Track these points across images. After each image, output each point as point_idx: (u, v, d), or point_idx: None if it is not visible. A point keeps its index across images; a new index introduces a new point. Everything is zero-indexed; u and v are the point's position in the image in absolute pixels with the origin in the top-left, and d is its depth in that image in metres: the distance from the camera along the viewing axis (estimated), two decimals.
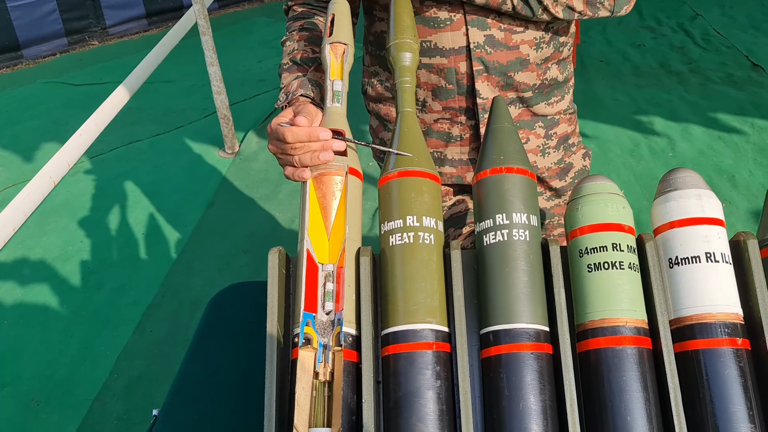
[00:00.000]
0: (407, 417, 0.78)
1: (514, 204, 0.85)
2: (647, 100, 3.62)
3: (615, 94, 3.72)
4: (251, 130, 3.72)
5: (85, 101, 3.89)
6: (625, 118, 3.46)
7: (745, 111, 3.41)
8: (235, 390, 1.10)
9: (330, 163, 0.92)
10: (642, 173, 3.01)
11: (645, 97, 3.66)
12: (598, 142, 3.27)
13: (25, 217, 1.69)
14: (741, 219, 2.66)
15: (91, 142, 2.08)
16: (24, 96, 4.52)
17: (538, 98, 1.23)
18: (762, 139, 3.16)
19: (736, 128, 3.27)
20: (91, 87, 4.51)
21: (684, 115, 3.44)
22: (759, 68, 3.84)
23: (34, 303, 2.61)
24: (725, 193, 2.82)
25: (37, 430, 2.08)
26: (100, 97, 2.33)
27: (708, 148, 3.15)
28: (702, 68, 3.93)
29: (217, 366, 1.16)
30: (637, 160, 3.12)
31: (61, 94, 4.49)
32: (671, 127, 3.35)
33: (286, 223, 2.94)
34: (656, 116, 3.46)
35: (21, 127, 4.06)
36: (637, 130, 3.35)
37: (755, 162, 3.00)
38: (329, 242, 0.89)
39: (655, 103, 3.59)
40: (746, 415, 0.75)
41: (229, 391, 1.11)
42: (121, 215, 3.10)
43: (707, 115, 3.41)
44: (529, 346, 0.79)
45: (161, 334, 2.41)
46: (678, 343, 0.80)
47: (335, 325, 0.84)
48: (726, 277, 0.81)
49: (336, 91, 0.99)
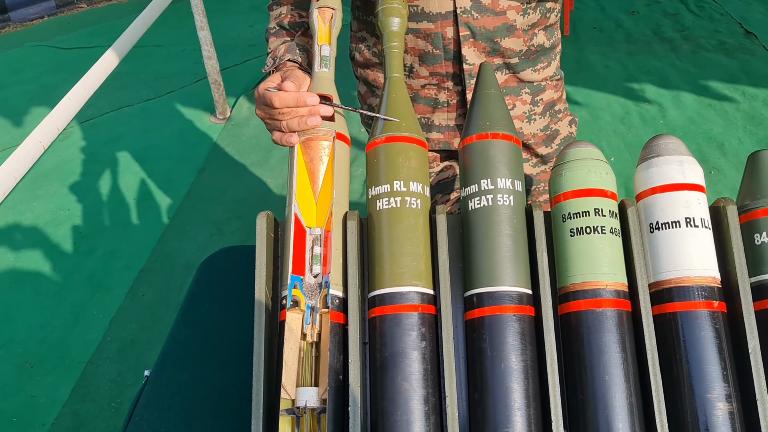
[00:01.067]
0: (393, 376, 0.80)
1: (499, 169, 0.86)
2: (639, 68, 3.61)
3: (607, 62, 3.71)
4: (242, 96, 3.70)
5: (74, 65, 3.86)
6: (617, 86, 3.45)
7: (736, 79, 3.41)
8: (225, 351, 1.12)
9: (317, 128, 0.92)
10: (632, 141, 3.02)
11: (637, 65, 3.65)
12: (589, 109, 3.27)
13: (15, 182, 1.69)
14: (728, 186, 2.68)
15: (80, 107, 2.07)
16: (12, 60, 4.47)
17: (525, 64, 1.24)
18: (752, 107, 3.17)
19: (727, 96, 3.28)
20: (80, 51, 4.46)
21: (675, 82, 3.44)
22: (752, 36, 3.83)
23: (26, 267, 2.62)
24: (714, 161, 2.84)
25: (32, 391, 2.11)
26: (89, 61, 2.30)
27: (698, 115, 3.15)
28: (695, 35, 3.91)
29: (207, 328, 1.18)
30: (628, 127, 3.13)
31: (49, 57, 4.44)
32: (662, 94, 3.35)
33: (278, 189, 2.95)
34: (648, 84, 3.45)
35: (9, 92, 4.02)
36: (628, 97, 3.35)
37: (744, 130, 3.02)
38: (317, 206, 0.90)
39: (646, 71, 3.58)
40: (720, 374, 0.78)
41: (219, 352, 1.13)
42: (113, 180, 3.10)
43: (698, 82, 3.41)
44: (511, 308, 0.81)
45: (153, 298, 2.43)
46: (656, 305, 0.82)
47: (322, 288, 0.85)
48: (705, 241, 0.83)
49: (324, 56, 0.99)
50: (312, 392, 0.81)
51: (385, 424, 0.78)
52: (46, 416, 2.03)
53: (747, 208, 0.87)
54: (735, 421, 0.76)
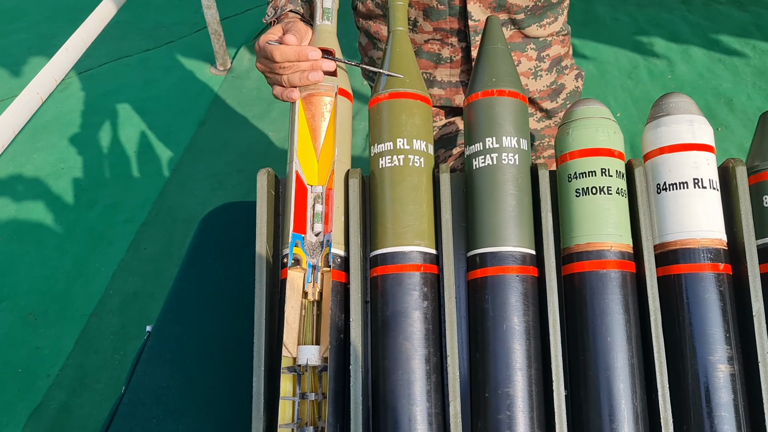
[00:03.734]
0: (394, 336, 0.80)
1: (505, 127, 0.84)
2: (649, 21, 3.54)
3: (616, 14, 3.63)
4: (243, 46, 3.64)
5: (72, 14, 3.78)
6: (625, 39, 3.39)
7: (747, 33, 3.34)
8: (226, 307, 1.12)
9: (319, 83, 0.90)
10: (639, 96, 2.97)
11: (646, 18, 3.57)
12: (596, 63, 3.21)
13: (13, 134, 1.67)
14: (736, 144, 2.65)
15: (78, 57, 2.04)
16: (8, 8, 4.38)
17: (531, 20, 1.20)
18: (762, 62, 3.11)
19: (737, 51, 3.21)
20: None
21: (685, 36, 3.37)
22: None
23: (27, 220, 2.62)
24: (722, 117, 2.80)
25: (36, 343, 2.13)
26: (87, 9, 2.25)
27: (707, 71, 3.10)
28: None
29: (208, 283, 1.18)
30: (635, 82, 3.08)
31: (46, 5, 4.35)
32: (671, 48, 3.28)
33: (280, 143, 2.92)
34: (657, 37, 3.38)
35: (6, 41, 3.96)
36: (636, 51, 3.29)
37: (754, 86, 2.97)
38: (318, 164, 0.88)
39: (656, 24, 3.50)
40: (723, 337, 0.77)
41: (221, 307, 1.13)
42: (113, 132, 3.07)
43: (709, 36, 3.34)
44: (514, 268, 0.80)
45: (155, 251, 2.43)
46: (661, 267, 0.81)
47: (324, 246, 0.85)
48: (712, 203, 0.82)
49: (326, 8, 0.96)
50: (313, 350, 0.81)
51: (386, 383, 0.79)
52: (50, 367, 2.05)
53: (756, 168, 0.85)
54: (736, 383, 0.76)
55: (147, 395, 1.02)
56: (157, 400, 1.02)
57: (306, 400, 0.81)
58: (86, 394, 1.96)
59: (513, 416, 0.76)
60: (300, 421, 0.81)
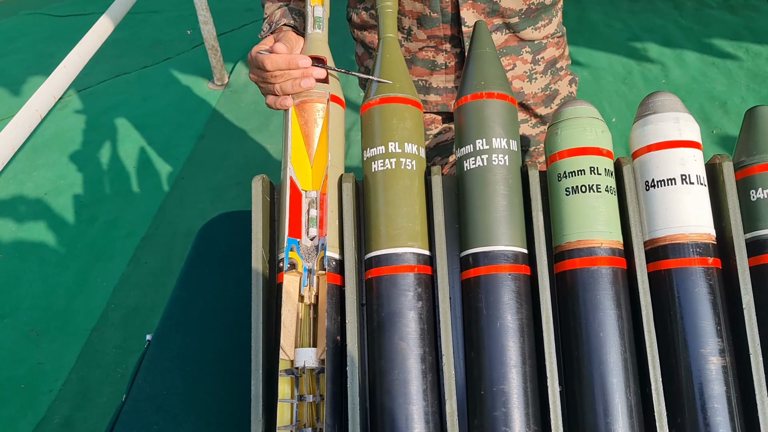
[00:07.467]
0: (390, 336, 0.81)
1: (494, 129, 0.86)
2: (642, 26, 3.56)
3: (609, 21, 3.65)
4: (240, 61, 3.66)
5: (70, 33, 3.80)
6: (619, 45, 3.41)
7: (740, 36, 3.36)
8: (224, 314, 1.14)
9: (311, 90, 0.92)
10: (634, 101, 2.99)
11: (639, 23, 3.59)
12: (590, 69, 3.24)
13: (13, 151, 1.69)
14: (730, 146, 2.67)
15: (76, 75, 2.06)
16: (6, 28, 4.42)
17: (525, 23, 1.22)
18: (755, 65, 3.13)
19: (731, 54, 3.24)
20: (74, 18, 4.40)
21: (678, 41, 3.39)
22: None
23: (28, 237, 2.63)
24: (716, 120, 2.82)
25: (38, 358, 2.14)
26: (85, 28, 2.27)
27: (701, 74, 3.12)
28: None
29: (207, 292, 1.19)
30: (630, 87, 3.10)
31: (44, 25, 4.39)
32: (665, 53, 3.31)
33: (278, 155, 2.94)
34: (650, 42, 3.41)
35: (5, 61, 3.99)
36: (630, 57, 3.31)
37: (747, 88, 2.98)
38: (312, 169, 0.90)
39: (649, 29, 3.53)
40: (714, 330, 0.78)
41: (219, 315, 1.14)
42: (112, 149, 3.09)
43: (702, 40, 3.37)
44: (507, 267, 0.81)
45: (156, 265, 2.44)
46: (651, 262, 0.83)
47: (319, 250, 0.86)
48: (700, 198, 0.83)
49: (317, 17, 0.97)
50: (310, 353, 0.82)
51: (383, 383, 0.80)
52: (53, 382, 2.06)
53: (743, 164, 0.87)
54: (728, 375, 0.77)
55: (147, 402, 1.03)
56: (157, 407, 1.03)
57: (304, 402, 0.82)
58: (89, 408, 1.97)
59: (509, 413, 0.77)
60: (299, 423, 0.82)
